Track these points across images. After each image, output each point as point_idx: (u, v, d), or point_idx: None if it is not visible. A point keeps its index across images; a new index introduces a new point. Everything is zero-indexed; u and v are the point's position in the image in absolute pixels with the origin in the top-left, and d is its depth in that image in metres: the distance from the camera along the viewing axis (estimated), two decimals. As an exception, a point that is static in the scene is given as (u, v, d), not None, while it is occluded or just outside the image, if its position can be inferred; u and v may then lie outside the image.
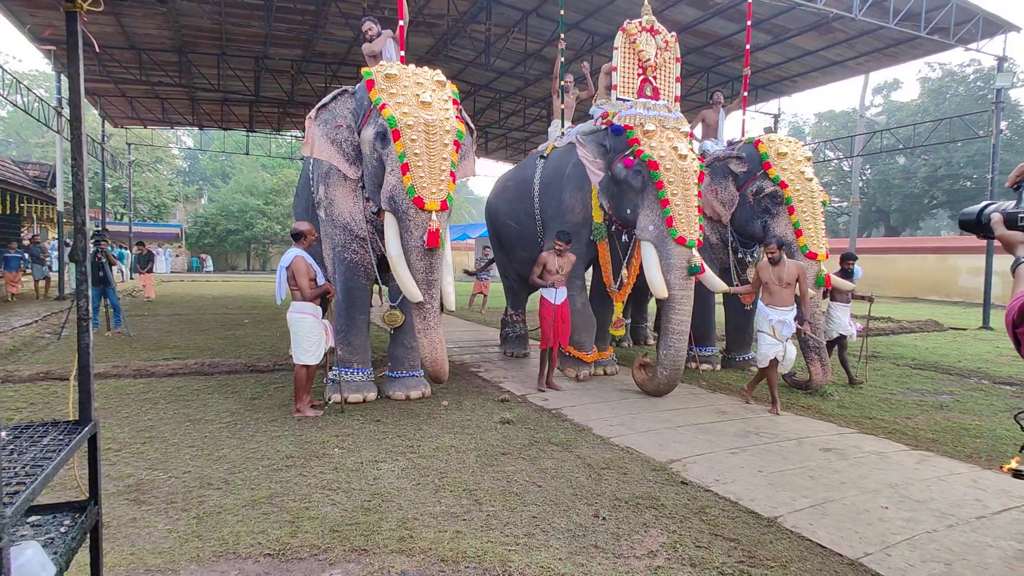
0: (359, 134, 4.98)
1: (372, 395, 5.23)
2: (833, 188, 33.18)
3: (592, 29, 12.50)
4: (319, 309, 4.75)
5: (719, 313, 7.48)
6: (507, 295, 8.53)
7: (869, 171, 31.83)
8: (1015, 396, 6.01)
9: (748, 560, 2.61)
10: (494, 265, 13.23)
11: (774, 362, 5.31)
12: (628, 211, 5.72)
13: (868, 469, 3.80)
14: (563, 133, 7.24)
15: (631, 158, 5.50)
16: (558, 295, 5.80)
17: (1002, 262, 17.48)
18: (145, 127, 21.30)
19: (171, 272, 29.73)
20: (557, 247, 5.78)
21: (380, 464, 3.65)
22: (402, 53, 5.57)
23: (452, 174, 4.67)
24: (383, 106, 4.61)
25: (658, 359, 5.45)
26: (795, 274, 5.30)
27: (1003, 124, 26.08)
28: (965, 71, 29.41)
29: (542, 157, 7.11)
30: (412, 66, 5.00)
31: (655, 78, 6.09)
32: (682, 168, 5.39)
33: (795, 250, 5.94)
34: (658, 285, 5.36)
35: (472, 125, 5.24)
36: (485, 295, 13.84)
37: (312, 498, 3.13)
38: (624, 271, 6.22)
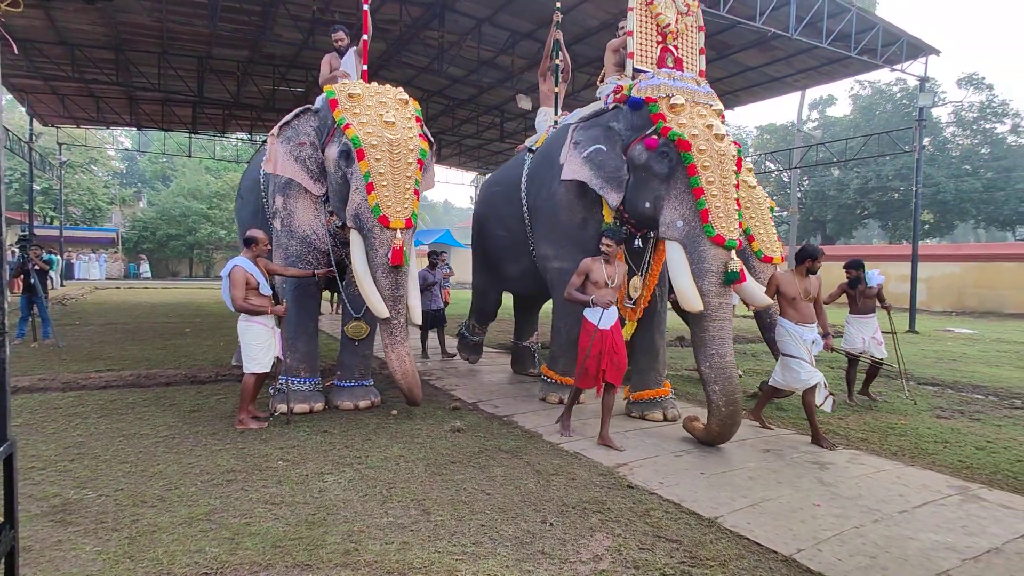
0: (323, 152, 5.02)
1: (319, 405, 5.12)
2: (775, 198, 34.59)
3: (545, 39, 12.67)
4: (270, 317, 4.65)
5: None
6: (475, 312, 7.62)
7: (807, 182, 33.32)
8: (935, 396, 6.40)
9: (689, 560, 2.68)
10: (451, 270, 13.09)
11: (810, 388, 4.57)
12: (647, 204, 4.62)
13: (803, 469, 3.98)
14: (556, 122, 6.36)
15: (655, 137, 4.45)
16: (607, 317, 4.36)
17: (926, 270, 18.68)
18: (78, 126, 20.30)
19: (106, 279, 28.27)
20: (606, 248, 4.44)
21: (326, 476, 3.57)
22: (364, 67, 5.55)
23: (416, 192, 4.78)
24: (347, 126, 4.66)
25: (702, 376, 4.33)
26: (818, 285, 4.78)
27: (926, 140, 27.86)
28: (892, 89, 31.27)
29: (530, 151, 6.18)
30: (375, 84, 5.06)
31: (676, 47, 5.11)
32: (719, 151, 4.38)
33: (749, 255, 5.85)
34: (690, 295, 4.24)
35: (432, 139, 5.26)
36: (446, 302, 13.61)
37: (254, 513, 3.04)
38: (637, 282, 5.19)
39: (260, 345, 4.55)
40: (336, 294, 7.80)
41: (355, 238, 4.77)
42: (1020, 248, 20.81)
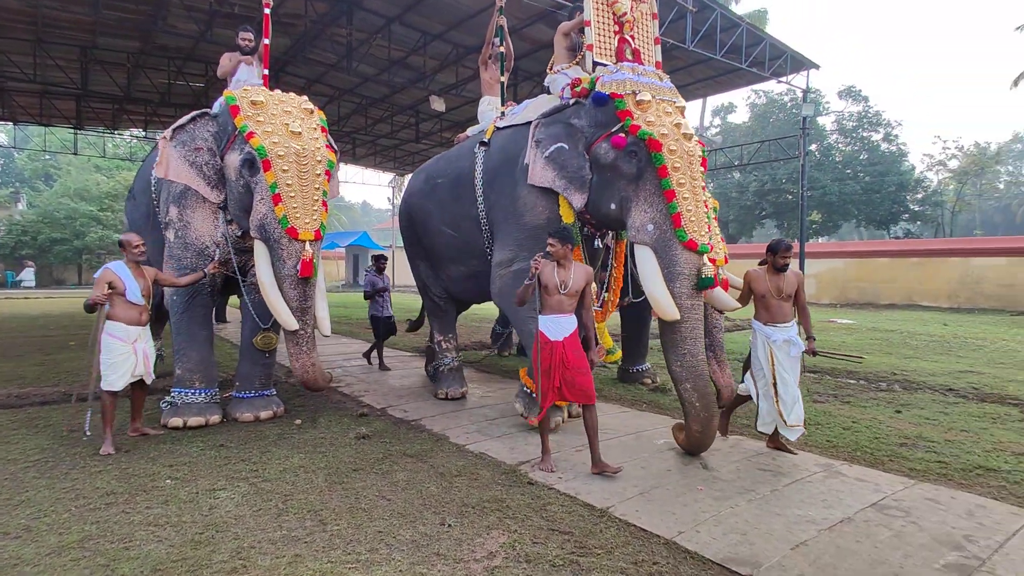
0: (222, 158, 4.90)
1: (216, 418, 4.90)
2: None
3: (458, 41, 12.70)
4: (133, 331, 4.30)
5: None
6: (431, 318, 6.80)
7: (711, 185, 35.39)
8: (814, 382, 7.01)
9: (579, 551, 2.82)
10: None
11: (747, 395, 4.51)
12: (612, 206, 4.39)
13: (690, 456, 4.25)
14: (503, 112, 5.91)
15: (623, 135, 4.21)
16: (562, 326, 3.93)
17: (815, 266, 20.37)
18: (-62, 119, 18.15)
19: (-23, 288, 25.46)
20: (550, 249, 3.98)
21: (218, 493, 3.44)
22: (265, 72, 5.40)
23: (324, 203, 4.74)
24: (251, 134, 4.55)
25: (674, 376, 4.11)
26: (795, 284, 4.40)
27: (812, 146, 30.31)
28: (783, 99, 33.81)
29: (482, 144, 5.55)
30: (278, 91, 4.96)
31: (633, 37, 4.83)
32: (688, 151, 4.18)
33: None
34: (664, 303, 3.98)
35: (336, 148, 5.22)
36: None
37: (134, 537, 2.88)
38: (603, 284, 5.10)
39: (111, 361, 4.21)
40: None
41: (260, 248, 4.65)
42: (892, 245, 23.07)
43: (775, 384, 4.26)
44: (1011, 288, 16.01)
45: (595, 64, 4.73)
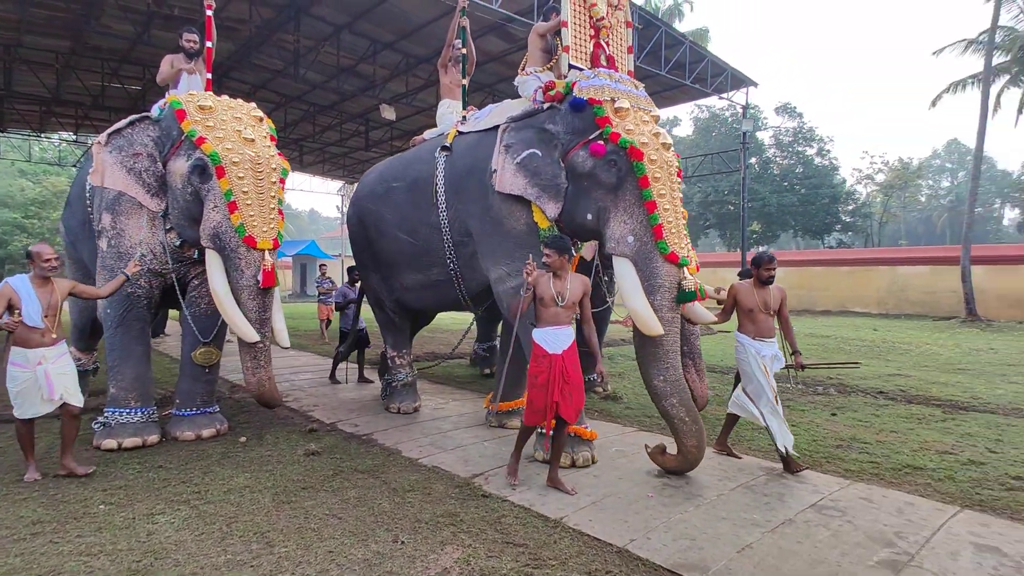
0: (165, 165, 4.74)
1: (154, 437, 4.67)
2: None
3: (409, 51, 12.65)
4: (34, 353, 3.81)
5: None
6: (384, 332, 6.42)
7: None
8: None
9: (533, 563, 2.83)
10: (334, 284, 12.27)
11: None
12: (589, 216, 4.23)
13: (642, 463, 4.33)
14: (464, 116, 5.60)
15: (602, 143, 4.06)
16: (560, 339, 3.79)
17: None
18: None
19: None
20: (547, 260, 3.86)
21: (157, 517, 3.28)
22: (208, 76, 5.24)
23: (280, 211, 4.64)
24: (202, 140, 4.44)
25: (656, 392, 3.93)
26: (779, 298, 4.35)
27: (752, 159, 31.67)
28: (725, 114, 35.21)
29: (444, 149, 5.23)
30: (226, 97, 4.88)
31: (608, 43, 4.72)
32: (667, 161, 4.09)
33: None
34: (647, 317, 3.82)
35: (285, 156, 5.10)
36: (329, 320, 12.39)
37: (64, 569, 2.71)
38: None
39: (15, 390, 3.83)
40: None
41: (213, 259, 4.49)
42: (826, 255, 24.30)
43: (776, 399, 4.18)
44: (933, 295, 17.12)
45: (571, 67, 4.56)
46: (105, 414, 4.66)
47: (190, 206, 4.61)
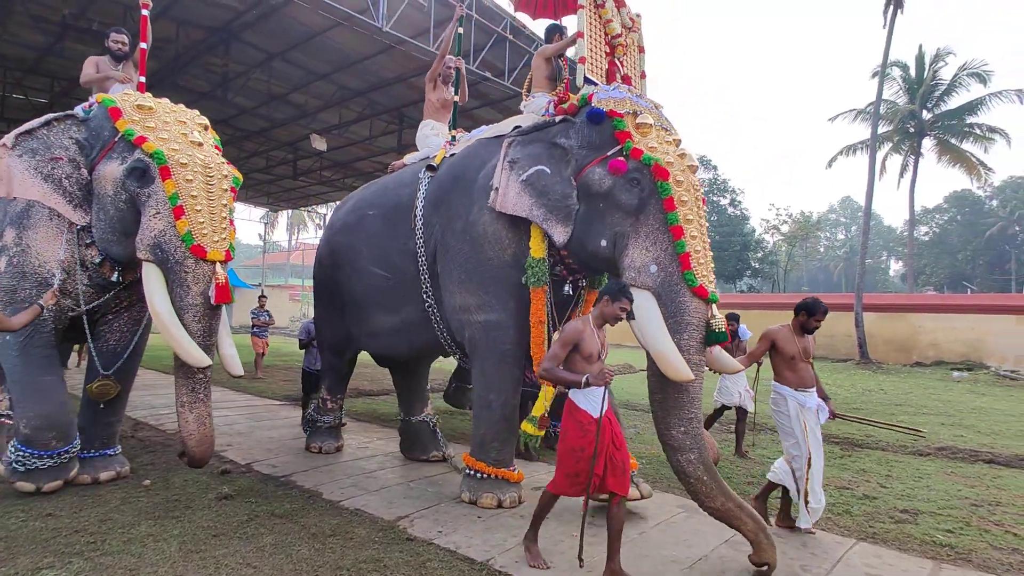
0: (90, 171, 4.24)
1: (73, 473, 4.31)
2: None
3: (343, 83, 12.62)
4: None
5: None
6: (326, 376, 5.92)
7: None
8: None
9: (459, 608, 2.79)
10: (272, 318, 11.37)
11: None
12: (603, 243, 3.76)
13: (569, 502, 4.36)
14: (454, 137, 5.10)
15: (622, 159, 3.65)
16: (601, 398, 3.16)
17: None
18: None
19: None
20: (622, 311, 3.22)
21: (43, 572, 2.98)
22: (142, 79, 4.79)
23: (231, 222, 4.22)
24: (142, 139, 4.00)
25: (672, 444, 3.39)
26: (813, 344, 4.11)
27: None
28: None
29: (430, 168, 4.80)
30: (167, 100, 4.45)
31: (622, 64, 4.47)
32: (694, 185, 3.70)
33: None
34: (674, 359, 3.29)
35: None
36: (263, 353, 11.69)
37: (-72, 635, 2.41)
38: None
39: None
40: (83, 345, 6.36)
41: (153, 273, 3.96)
42: (739, 299, 25.83)
43: (811, 458, 3.85)
44: (832, 339, 18.46)
45: (587, 81, 4.20)
46: (19, 452, 4.10)
47: (123, 215, 4.10)
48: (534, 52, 12.58)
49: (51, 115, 4.39)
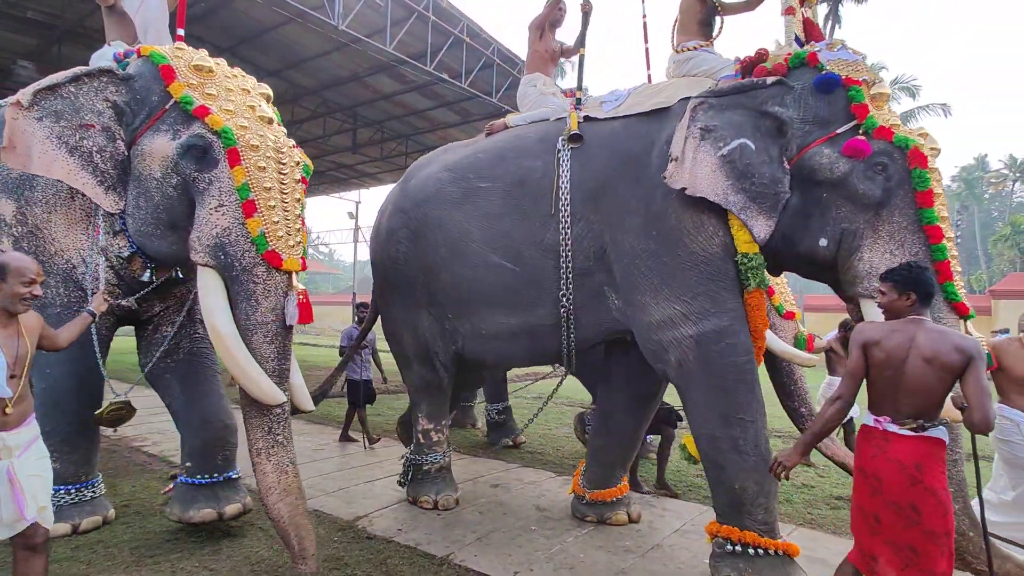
0: (129, 144, 3.28)
1: (112, 512, 3.76)
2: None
3: (294, 80, 12.41)
4: None
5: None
6: (418, 397, 4.56)
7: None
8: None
9: (421, 601, 2.85)
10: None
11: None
12: (823, 242, 3.04)
13: (526, 498, 4.51)
14: (579, 97, 3.94)
15: (864, 139, 2.91)
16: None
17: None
18: None
19: None
20: (906, 303, 2.39)
21: (-14, 583, 2.87)
22: (181, 32, 3.73)
23: (303, 222, 3.32)
24: (203, 110, 3.09)
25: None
26: None
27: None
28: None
29: (572, 139, 3.67)
30: (224, 61, 3.44)
31: (816, 27, 3.65)
32: (937, 177, 2.96)
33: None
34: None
35: None
36: None
37: None
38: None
39: None
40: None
41: (211, 282, 3.08)
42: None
43: None
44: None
45: (796, 39, 3.37)
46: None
47: (171, 205, 3.22)
48: (492, 55, 12.86)
49: (82, 67, 3.32)
